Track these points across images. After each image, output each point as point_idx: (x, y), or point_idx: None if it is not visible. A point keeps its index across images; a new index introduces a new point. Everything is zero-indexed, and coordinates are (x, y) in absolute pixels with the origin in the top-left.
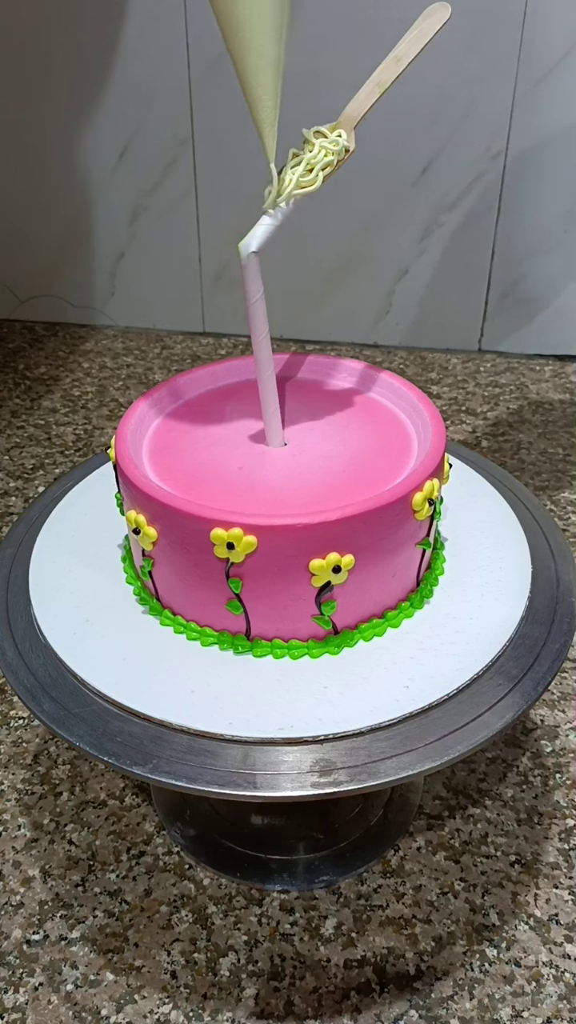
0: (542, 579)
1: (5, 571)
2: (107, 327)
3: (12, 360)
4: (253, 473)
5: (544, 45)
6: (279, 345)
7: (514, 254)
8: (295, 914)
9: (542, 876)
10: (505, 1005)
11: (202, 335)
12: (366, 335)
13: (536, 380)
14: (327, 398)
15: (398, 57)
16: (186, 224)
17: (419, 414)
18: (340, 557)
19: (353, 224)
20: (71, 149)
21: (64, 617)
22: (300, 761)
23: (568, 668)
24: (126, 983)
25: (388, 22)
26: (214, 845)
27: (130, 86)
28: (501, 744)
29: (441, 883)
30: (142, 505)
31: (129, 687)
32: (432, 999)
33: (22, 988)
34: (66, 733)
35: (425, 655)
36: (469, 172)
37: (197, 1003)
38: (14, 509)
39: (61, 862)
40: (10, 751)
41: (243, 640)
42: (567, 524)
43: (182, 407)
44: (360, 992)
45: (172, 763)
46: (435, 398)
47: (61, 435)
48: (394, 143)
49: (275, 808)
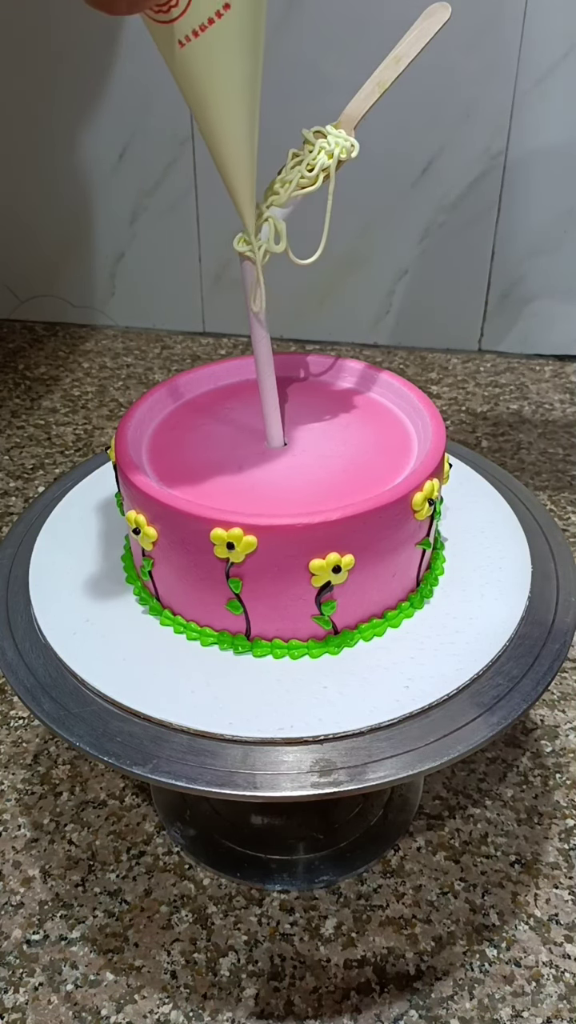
0: (542, 579)
1: (5, 571)
2: (107, 327)
3: (12, 360)
4: (253, 473)
5: (544, 45)
6: (279, 345)
7: (514, 254)
8: (295, 914)
9: (542, 876)
10: (505, 1005)
11: (202, 335)
12: (366, 335)
13: (536, 380)
14: (327, 398)
15: (398, 57)
16: (186, 224)
17: (419, 414)
18: (340, 557)
19: (353, 224)
20: (71, 149)
21: (64, 617)
22: (300, 761)
23: (568, 668)
24: (126, 983)
25: (388, 22)
26: (214, 845)
27: (130, 86)
28: (501, 744)
29: (441, 883)
30: (142, 505)
31: (129, 687)
32: (432, 999)
33: (22, 988)
34: (66, 733)
35: (425, 655)
36: (469, 172)
37: (197, 1003)
38: (14, 509)
39: (61, 862)
40: (10, 751)
41: (243, 640)
42: (567, 524)
43: (182, 407)
44: (360, 992)
45: (172, 763)
46: (435, 398)
47: (61, 435)
48: (394, 143)
49: (275, 808)
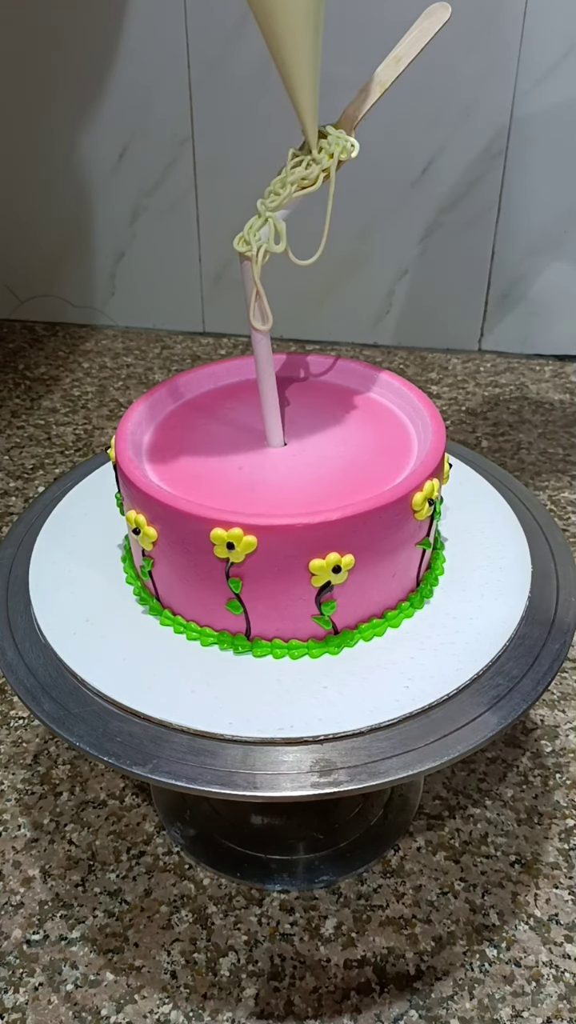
0: (542, 579)
1: (5, 571)
2: (107, 327)
3: (12, 360)
4: (253, 473)
5: (544, 45)
6: (279, 345)
7: (514, 254)
8: (295, 914)
9: (542, 876)
10: (505, 1005)
11: (202, 335)
12: (366, 335)
13: (536, 380)
14: (327, 398)
15: (398, 57)
16: (186, 224)
17: (419, 414)
18: (340, 557)
19: (353, 224)
20: (71, 149)
21: (64, 617)
22: (300, 761)
23: (568, 668)
24: (126, 983)
25: (388, 22)
26: (214, 845)
27: (130, 86)
28: (501, 744)
29: (441, 883)
30: (142, 505)
31: (129, 687)
32: (432, 999)
33: (22, 988)
34: (66, 733)
35: (425, 655)
36: (469, 172)
37: (197, 1003)
38: (14, 509)
39: (61, 862)
40: (10, 751)
41: (243, 640)
42: (567, 524)
43: (182, 407)
44: (360, 992)
45: (172, 763)
46: (435, 398)
47: (61, 435)
48: (394, 143)
49: (275, 808)
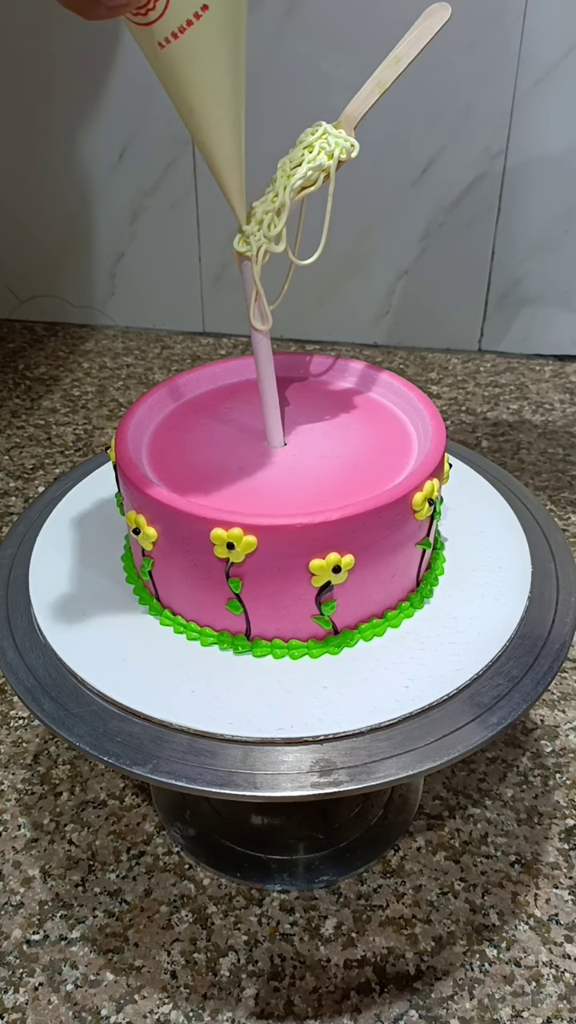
0: (542, 579)
1: (5, 571)
2: (107, 327)
3: (12, 360)
4: (253, 473)
5: (544, 45)
6: (279, 345)
7: (514, 254)
8: (295, 914)
9: (542, 876)
10: (505, 1005)
11: (202, 335)
12: (366, 335)
13: (536, 380)
14: (327, 398)
15: (398, 57)
16: (186, 224)
17: (419, 414)
18: (340, 557)
19: (353, 224)
20: (71, 149)
21: (64, 618)
22: (300, 761)
23: (568, 668)
24: (126, 983)
25: (388, 22)
26: (214, 845)
27: (130, 86)
28: (501, 744)
29: (441, 883)
30: (142, 505)
31: (129, 687)
32: (432, 999)
33: (22, 988)
34: (66, 733)
35: (425, 655)
36: (469, 172)
37: (197, 1003)
38: (14, 509)
39: (61, 862)
40: (10, 751)
41: (243, 640)
42: (567, 524)
43: (182, 407)
44: (360, 992)
45: (172, 763)
46: (435, 398)
47: (61, 435)
48: (394, 143)
49: (275, 808)
